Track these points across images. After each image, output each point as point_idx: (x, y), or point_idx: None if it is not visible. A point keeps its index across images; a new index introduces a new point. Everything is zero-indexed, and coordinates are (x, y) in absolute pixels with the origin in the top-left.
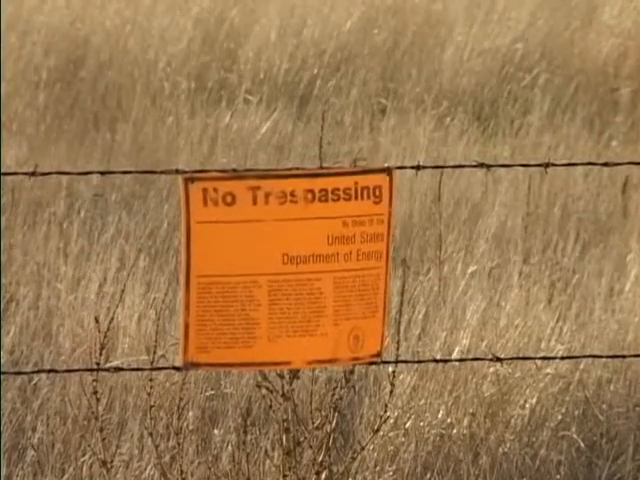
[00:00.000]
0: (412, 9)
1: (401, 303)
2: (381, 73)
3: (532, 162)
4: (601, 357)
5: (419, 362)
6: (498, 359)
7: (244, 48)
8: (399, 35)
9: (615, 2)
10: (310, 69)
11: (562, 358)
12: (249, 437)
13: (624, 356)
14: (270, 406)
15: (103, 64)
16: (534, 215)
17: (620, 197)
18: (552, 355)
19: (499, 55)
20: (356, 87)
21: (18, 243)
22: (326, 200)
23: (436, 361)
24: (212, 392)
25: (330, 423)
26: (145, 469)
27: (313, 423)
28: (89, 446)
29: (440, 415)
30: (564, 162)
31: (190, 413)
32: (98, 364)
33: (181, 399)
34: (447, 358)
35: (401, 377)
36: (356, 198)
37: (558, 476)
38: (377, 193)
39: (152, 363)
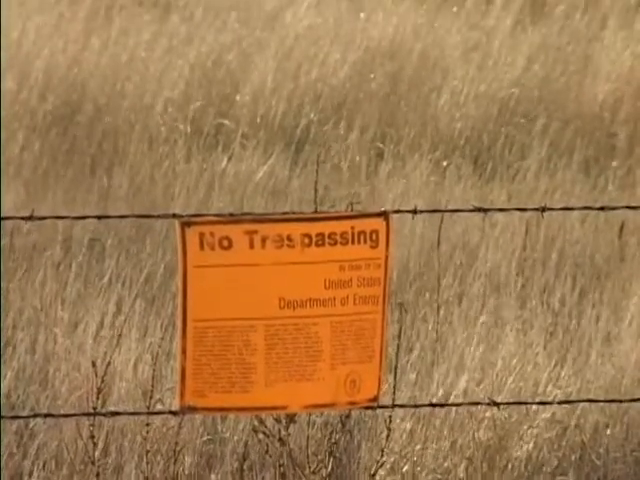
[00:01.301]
0: (408, 54)
1: (398, 347)
2: (378, 118)
3: (529, 206)
4: (598, 402)
5: (416, 406)
6: (495, 403)
7: (241, 93)
8: (395, 80)
9: (611, 47)
10: (307, 114)
11: (559, 403)
12: None
13: (621, 401)
14: (267, 451)
15: (100, 108)
16: (531, 259)
17: (617, 242)
18: (549, 400)
19: (495, 100)
20: (353, 132)
21: (15, 287)
22: (323, 244)
23: (432, 405)
24: (209, 437)
25: (326, 467)
26: None
27: (309, 467)
28: None
29: (437, 460)
30: (561, 206)
31: (187, 458)
32: (95, 408)
33: (177, 443)
34: (444, 402)
35: (397, 421)
36: (353, 242)
37: None
38: (374, 237)
39: (149, 407)
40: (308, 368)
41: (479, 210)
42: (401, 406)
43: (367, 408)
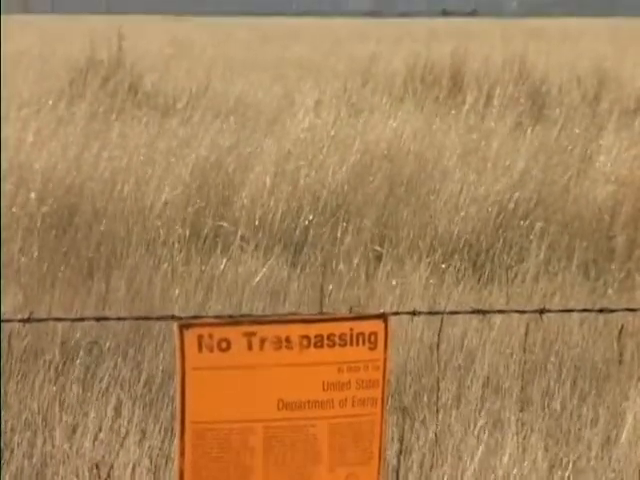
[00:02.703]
0: (406, 156)
1: (398, 450)
2: (376, 220)
3: (528, 308)
4: None
5: None
6: None
7: (239, 195)
8: (394, 182)
9: (610, 149)
10: (305, 216)
11: None
12: None
13: None
14: None
15: (98, 211)
16: (530, 362)
17: (616, 345)
18: None
19: (494, 202)
20: (351, 234)
21: (13, 390)
22: (321, 346)
23: None
24: None
25: None
26: None
27: None
28: None
29: None
30: (560, 308)
31: None
32: None
33: None
34: None
35: None
36: (351, 344)
37: None
38: (372, 339)
39: None
40: (306, 470)
41: (478, 312)
42: None
43: None
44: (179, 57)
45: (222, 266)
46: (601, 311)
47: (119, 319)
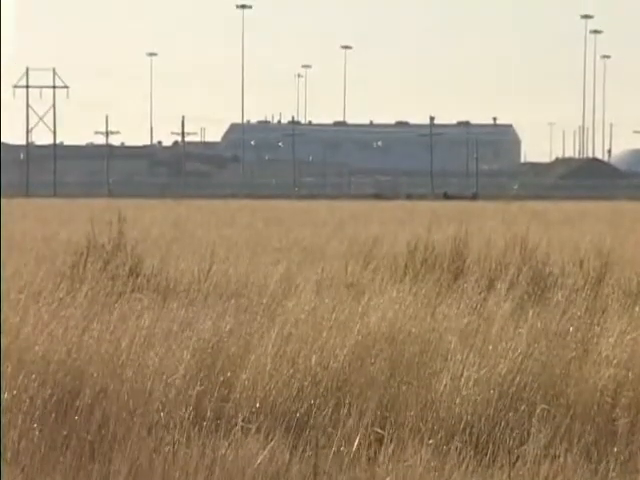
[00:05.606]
0: (407, 338)
1: None
2: (377, 402)
3: None
4: None
5: None
6: None
7: (240, 377)
8: (395, 364)
9: (611, 333)
10: (306, 398)
11: None
12: None
13: None
14: None
15: (99, 394)
16: None
17: None
18: None
19: (495, 385)
20: (352, 416)
21: None
22: None
23: None
24: None
25: None
26: None
27: None
28: None
29: None
30: None
31: None
32: None
33: None
34: None
35: None
36: None
37: None
38: None
39: None
40: None
41: None
42: None
43: None
44: (180, 240)
45: (223, 449)
46: None
47: None
